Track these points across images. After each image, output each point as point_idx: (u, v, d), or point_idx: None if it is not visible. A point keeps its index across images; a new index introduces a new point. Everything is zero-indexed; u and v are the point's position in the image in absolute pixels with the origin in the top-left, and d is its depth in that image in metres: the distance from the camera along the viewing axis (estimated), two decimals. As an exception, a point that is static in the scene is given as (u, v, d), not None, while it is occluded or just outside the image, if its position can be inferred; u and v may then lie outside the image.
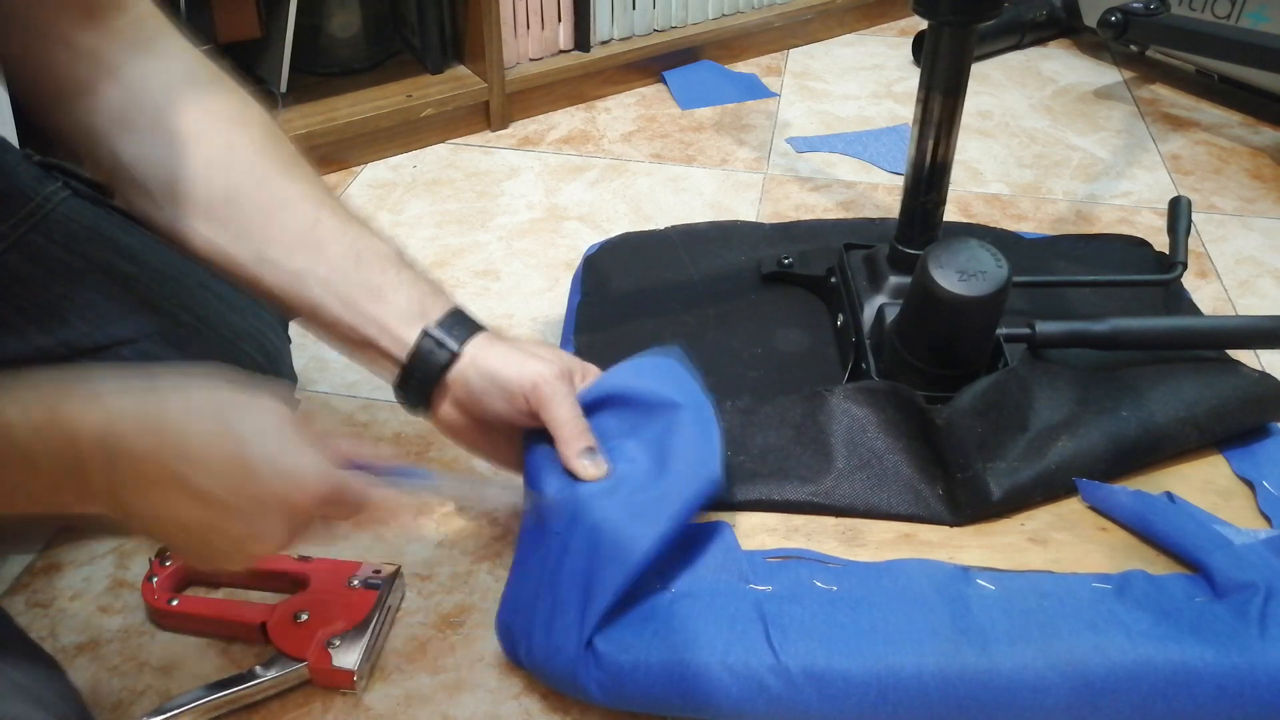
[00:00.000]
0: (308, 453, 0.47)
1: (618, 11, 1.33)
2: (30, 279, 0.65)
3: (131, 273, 0.68)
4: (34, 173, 0.67)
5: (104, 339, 0.66)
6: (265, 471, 0.45)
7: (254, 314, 0.73)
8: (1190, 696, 0.55)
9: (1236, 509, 0.68)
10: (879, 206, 1.11)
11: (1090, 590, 0.60)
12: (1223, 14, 1.28)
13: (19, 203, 0.65)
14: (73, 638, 0.64)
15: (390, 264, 0.60)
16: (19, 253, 0.64)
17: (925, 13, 0.71)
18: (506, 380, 0.59)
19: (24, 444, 0.42)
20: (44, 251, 0.65)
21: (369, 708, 0.60)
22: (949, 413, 0.67)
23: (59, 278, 0.66)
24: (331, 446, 0.49)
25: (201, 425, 0.44)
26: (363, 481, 0.49)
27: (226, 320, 0.71)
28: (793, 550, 0.64)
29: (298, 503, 0.46)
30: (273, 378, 0.73)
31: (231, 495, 0.44)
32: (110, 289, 0.67)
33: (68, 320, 0.66)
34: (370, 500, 0.49)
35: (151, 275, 0.69)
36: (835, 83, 1.41)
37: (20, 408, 0.42)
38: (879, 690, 0.55)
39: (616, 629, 0.57)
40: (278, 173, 0.59)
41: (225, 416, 0.45)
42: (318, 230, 0.59)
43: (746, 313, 0.88)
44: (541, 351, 0.62)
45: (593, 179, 1.16)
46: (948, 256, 0.67)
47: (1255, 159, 1.21)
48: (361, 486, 0.49)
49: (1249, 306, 0.96)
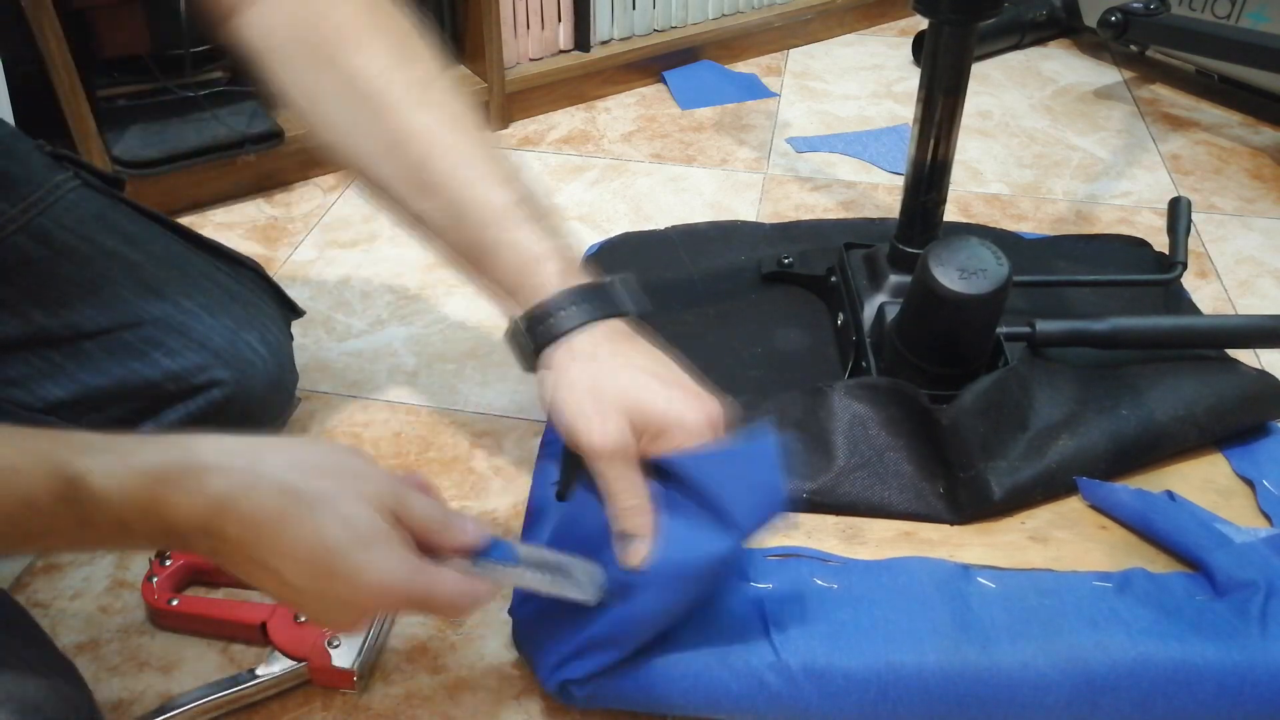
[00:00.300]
0: (395, 563, 0.46)
1: (618, 11, 1.33)
2: (38, 261, 0.66)
3: (137, 260, 0.69)
4: (45, 161, 0.68)
5: (108, 323, 0.67)
6: (351, 580, 0.46)
7: (257, 307, 0.73)
8: (1191, 694, 0.55)
9: (1237, 507, 0.68)
10: (879, 206, 1.11)
11: (1091, 588, 0.60)
12: (1223, 14, 1.28)
13: (29, 188, 0.66)
14: (73, 638, 0.64)
15: (508, 219, 0.57)
16: (27, 235, 0.65)
17: (926, 11, 0.71)
18: (568, 426, 0.54)
19: (118, 521, 0.43)
20: (52, 236, 0.66)
21: (369, 708, 0.60)
22: (954, 412, 0.67)
23: (66, 261, 0.66)
24: (422, 535, 0.49)
25: (300, 525, 0.45)
26: (445, 581, 0.48)
27: (230, 311, 0.71)
28: (793, 548, 0.64)
29: (382, 606, 0.48)
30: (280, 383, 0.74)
31: (320, 592, 0.46)
32: (116, 275, 0.68)
33: (72, 304, 0.66)
34: (449, 603, 0.49)
35: (157, 264, 0.70)
36: (835, 83, 1.41)
37: (117, 485, 0.42)
38: (879, 688, 0.55)
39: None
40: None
41: (321, 516, 0.45)
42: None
43: (746, 312, 0.88)
44: (619, 401, 0.53)
45: (593, 179, 1.16)
46: (948, 255, 0.67)
47: (1255, 159, 1.21)
48: (442, 590, 0.48)
49: (1249, 306, 0.96)
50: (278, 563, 0.45)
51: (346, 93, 0.58)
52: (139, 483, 0.43)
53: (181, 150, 1.03)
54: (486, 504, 0.74)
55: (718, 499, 0.53)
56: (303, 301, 0.83)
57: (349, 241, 1.04)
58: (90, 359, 0.67)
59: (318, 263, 1.01)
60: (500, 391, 0.85)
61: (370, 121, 0.58)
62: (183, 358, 0.68)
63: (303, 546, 0.45)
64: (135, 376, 0.67)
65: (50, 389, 0.67)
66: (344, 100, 0.58)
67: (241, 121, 1.06)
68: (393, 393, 0.85)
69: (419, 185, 0.57)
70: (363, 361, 0.88)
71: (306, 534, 0.45)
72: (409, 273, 0.99)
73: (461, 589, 0.48)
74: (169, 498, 0.43)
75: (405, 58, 0.59)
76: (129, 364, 0.67)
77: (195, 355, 0.68)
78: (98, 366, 0.67)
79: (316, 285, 0.98)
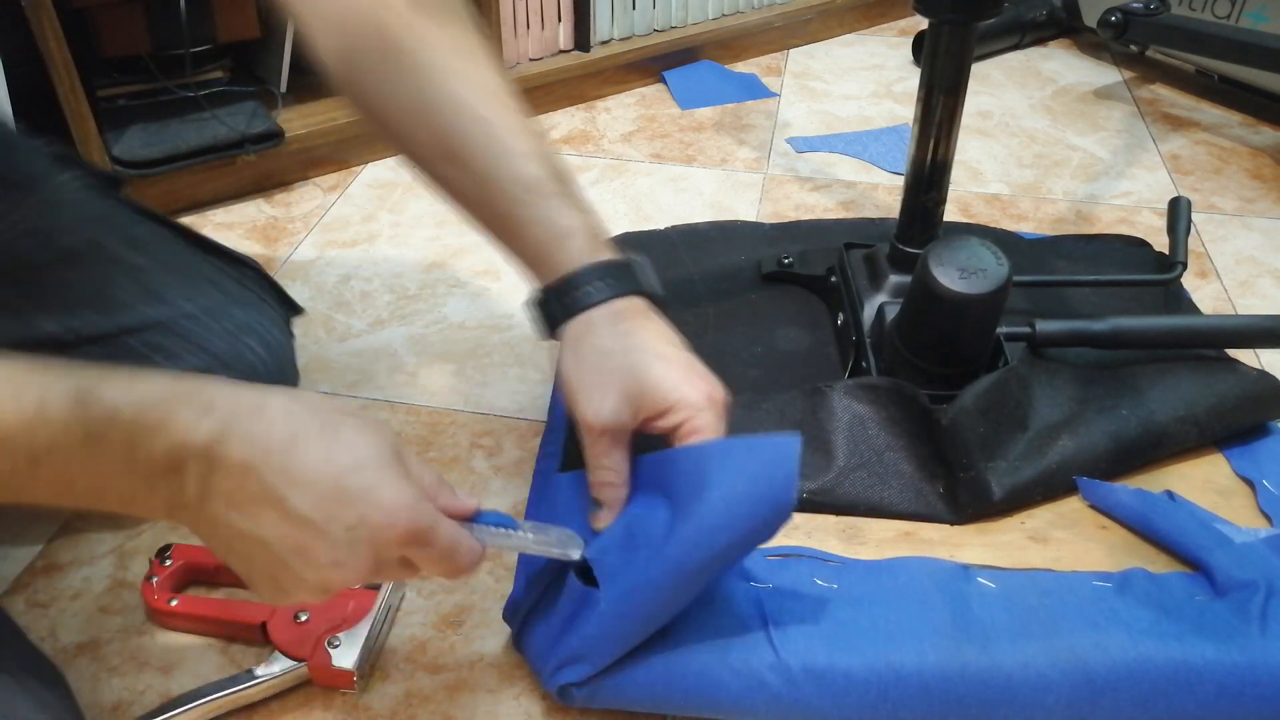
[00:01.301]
0: (405, 487, 0.46)
1: (618, 11, 1.33)
2: (40, 265, 0.65)
3: (140, 264, 0.69)
4: (48, 162, 0.68)
5: (110, 327, 0.67)
6: (361, 501, 0.45)
7: (257, 309, 0.73)
8: (1191, 694, 0.55)
9: (1237, 507, 0.68)
10: (879, 206, 1.11)
11: (1091, 588, 0.60)
12: (1223, 14, 1.28)
13: (31, 188, 0.65)
14: (73, 638, 0.64)
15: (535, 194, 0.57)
16: (30, 237, 0.65)
17: (926, 12, 0.71)
18: (569, 398, 0.57)
19: (127, 437, 0.42)
20: (54, 238, 0.66)
21: (369, 708, 0.60)
22: (954, 412, 0.67)
23: (68, 265, 0.66)
24: (429, 486, 0.49)
25: (308, 447, 0.44)
26: (448, 522, 0.48)
27: (230, 314, 0.71)
28: (793, 548, 0.64)
29: (386, 536, 0.46)
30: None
31: (325, 520, 0.44)
32: (118, 279, 0.68)
33: (74, 308, 0.66)
34: (456, 547, 0.48)
35: (159, 267, 0.70)
36: (835, 83, 1.41)
37: (128, 399, 0.43)
38: (879, 688, 0.55)
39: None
40: None
41: (331, 440, 0.45)
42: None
43: (747, 312, 0.88)
44: (621, 379, 0.55)
45: (593, 179, 1.16)
46: (948, 255, 0.67)
47: (1255, 159, 1.21)
48: (445, 530, 0.48)
49: (1249, 306, 0.96)
50: (285, 489, 0.44)
51: (385, 55, 0.57)
52: (151, 398, 0.43)
53: (181, 150, 1.03)
54: (486, 504, 0.73)
55: (708, 491, 0.52)
56: (303, 301, 0.84)
57: (349, 241, 1.04)
58: (91, 362, 0.67)
59: (318, 263, 1.01)
60: (500, 391, 0.85)
61: (405, 83, 0.57)
62: (184, 362, 0.68)
63: (312, 467, 0.44)
64: None
65: None
66: (383, 62, 0.57)
67: (241, 121, 1.06)
68: (393, 393, 0.85)
69: (447, 153, 0.57)
70: (363, 361, 0.88)
71: (317, 455, 0.44)
72: (409, 273, 0.99)
73: (462, 535, 0.49)
74: (179, 413, 0.43)
75: (446, 24, 0.59)
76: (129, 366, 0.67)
77: (196, 359, 0.68)
78: None
79: (316, 285, 0.98)
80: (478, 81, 0.58)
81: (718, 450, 0.54)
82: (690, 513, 0.52)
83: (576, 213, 0.58)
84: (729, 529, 0.52)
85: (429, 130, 0.58)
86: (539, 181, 0.57)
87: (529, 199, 0.57)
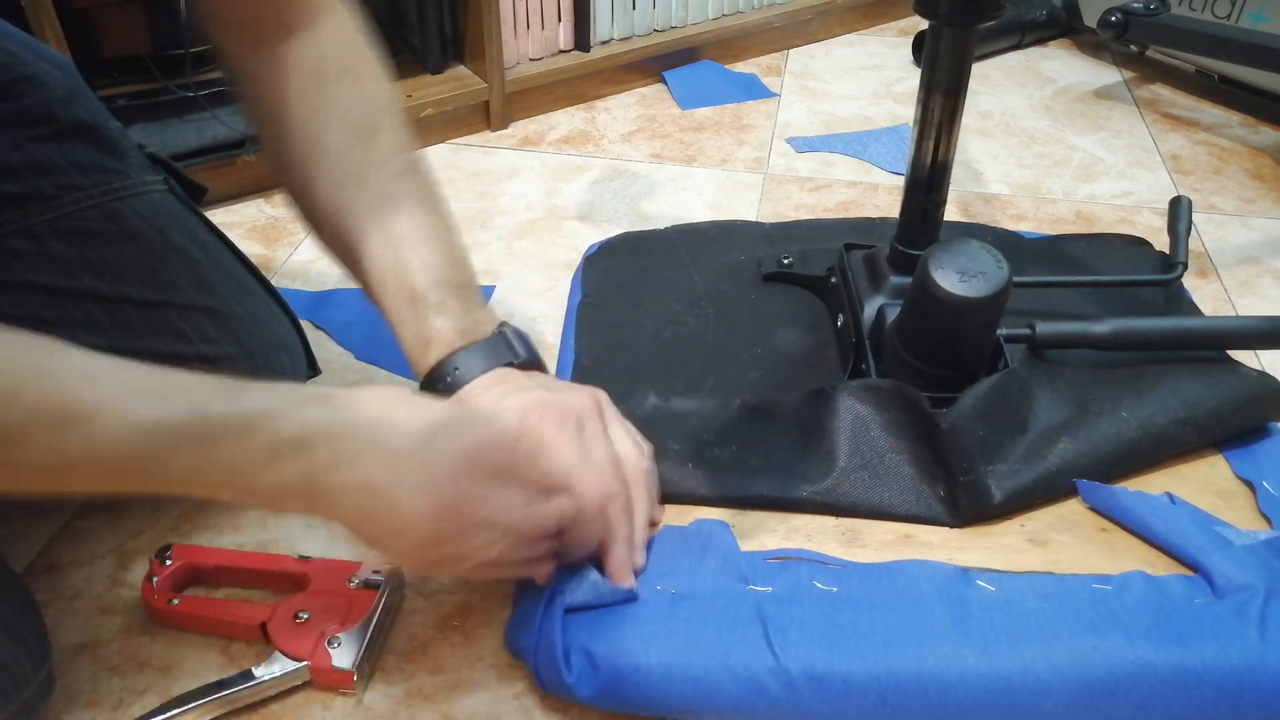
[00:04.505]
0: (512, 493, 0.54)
1: (618, 11, 1.33)
2: (101, 234, 0.68)
3: (198, 259, 0.71)
4: (141, 161, 0.72)
5: (157, 298, 0.69)
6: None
7: (286, 331, 0.76)
8: (1190, 698, 0.55)
9: (1236, 510, 0.68)
10: (879, 206, 1.11)
11: (1090, 591, 0.60)
12: (1223, 14, 1.28)
13: (118, 178, 0.69)
14: (73, 637, 0.64)
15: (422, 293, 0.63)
16: (99, 211, 0.68)
17: (926, 13, 0.70)
18: None
19: (270, 426, 0.47)
20: (123, 217, 0.69)
21: (369, 708, 0.60)
22: (954, 416, 0.67)
23: (130, 242, 0.68)
24: None
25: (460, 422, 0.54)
26: None
27: (271, 327, 0.74)
28: (792, 551, 0.64)
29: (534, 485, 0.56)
30: None
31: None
32: (174, 264, 0.70)
33: (125, 278, 0.68)
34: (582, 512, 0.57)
35: (215, 268, 0.72)
36: (835, 83, 1.41)
37: (272, 397, 0.48)
38: (879, 692, 0.55)
39: (615, 631, 0.57)
40: None
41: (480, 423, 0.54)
42: None
43: (746, 313, 0.88)
44: None
45: (593, 179, 1.16)
46: (948, 257, 0.67)
47: (1255, 159, 1.21)
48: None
49: (1249, 306, 0.96)
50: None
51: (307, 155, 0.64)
52: (287, 397, 0.49)
53: (181, 150, 1.03)
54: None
55: None
56: (303, 302, 0.84)
57: (349, 241, 1.04)
58: (129, 322, 0.68)
59: (318, 263, 1.01)
60: (500, 392, 0.85)
61: (317, 185, 0.64)
62: (219, 347, 0.70)
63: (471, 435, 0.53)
64: (168, 349, 0.68)
65: (81, 336, 0.67)
66: (304, 165, 0.64)
67: (241, 121, 1.06)
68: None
69: (353, 258, 0.65)
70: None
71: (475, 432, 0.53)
72: (409, 273, 0.99)
73: None
74: (335, 395, 0.50)
75: (370, 126, 0.65)
76: (165, 337, 0.69)
77: (231, 349, 0.70)
78: (134, 330, 0.68)
79: (316, 285, 0.98)
80: (378, 181, 0.64)
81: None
82: None
83: (451, 319, 0.63)
84: None
85: (336, 236, 0.66)
86: (422, 293, 0.62)
87: (408, 311, 0.63)
